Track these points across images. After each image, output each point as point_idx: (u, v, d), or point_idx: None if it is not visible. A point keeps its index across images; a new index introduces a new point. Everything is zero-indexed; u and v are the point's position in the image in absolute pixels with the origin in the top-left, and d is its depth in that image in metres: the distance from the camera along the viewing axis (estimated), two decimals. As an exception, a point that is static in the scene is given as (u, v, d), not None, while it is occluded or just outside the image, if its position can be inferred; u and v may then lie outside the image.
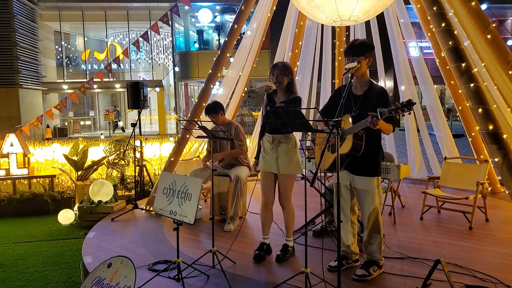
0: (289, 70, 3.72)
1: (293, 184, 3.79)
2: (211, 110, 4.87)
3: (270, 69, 3.75)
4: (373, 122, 2.89)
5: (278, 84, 3.68)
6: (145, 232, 4.74)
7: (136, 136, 6.00)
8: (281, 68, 3.69)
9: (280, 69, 3.68)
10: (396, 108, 2.80)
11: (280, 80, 3.67)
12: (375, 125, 2.91)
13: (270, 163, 3.73)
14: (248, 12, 6.14)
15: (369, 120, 2.90)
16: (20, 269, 4.20)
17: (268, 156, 3.74)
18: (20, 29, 19.23)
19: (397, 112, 2.80)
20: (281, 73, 3.67)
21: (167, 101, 25.50)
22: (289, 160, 3.66)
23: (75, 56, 26.13)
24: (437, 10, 4.52)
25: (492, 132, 4.01)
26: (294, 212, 3.82)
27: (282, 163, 3.67)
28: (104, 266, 2.96)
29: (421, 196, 5.12)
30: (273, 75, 3.70)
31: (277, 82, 3.67)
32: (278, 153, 3.68)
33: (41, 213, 6.33)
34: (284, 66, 3.71)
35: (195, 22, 25.15)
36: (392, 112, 2.82)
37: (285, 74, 3.68)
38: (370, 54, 3.28)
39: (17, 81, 18.97)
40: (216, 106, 4.95)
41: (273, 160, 3.70)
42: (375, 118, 2.88)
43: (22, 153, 6.81)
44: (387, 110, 2.84)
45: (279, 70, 3.68)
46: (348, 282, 3.27)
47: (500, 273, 3.35)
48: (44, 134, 19.82)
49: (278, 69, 3.69)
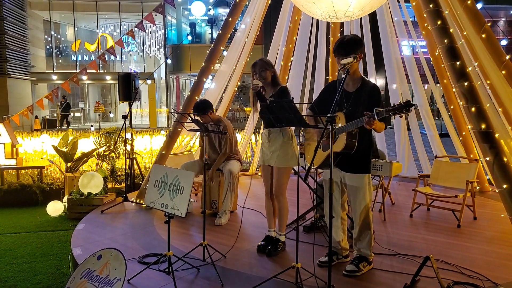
0: (269, 64, 3.75)
1: (288, 177, 3.80)
2: (200, 109, 4.76)
3: (252, 69, 3.76)
4: (369, 122, 2.89)
5: (263, 80, 3.70)
6: (135, 225, 4.71)
7: (127, 128, 5.94)
8: (261, 65, 3.72)
9: (260, 66, 3.71)
10: (394, 109, 2.78)
11: (264, 76, 3.71)
12: (371, 125, 2.92)
13: (267, 156, 3.78)
14: (243, 6, 6.10)
15: (366, 120, 2.90)
16: (7, 260, 4.15)
17: (266, 149, 3.80)
18: (9, 17, 18.89)
19: (394, 113, 2.79)
20: (263, 69, 3.70)
21: (158, 94, 25.32)
22: (284, 153, 3.69)
23: (65, 47, 25.77)
24: (433, 8, 4.53)
25: (484, 131, 4.05)
26: (287, 207, 3.82)
27: (277, 156, 3.70)
28: (94, 258, 2.93)
29: (411, 193, 5.16)
30: (256, 74, 3.72)
31: (262, 78, 3.69)
32: (274, 146, 3.72)
33: (29, 204, 6.25)
34: (263, 62, 3.74)
35: (187, 15, 24.96)
36: (390, 113, 2.80)
37: (267, 68, 3.71)
38: (360, 50, 3.27)
39: (5, 71, 18.66)
40: (205, 106, 4.84)
41: (270, 154, 3.75)
42: (372, 118, 2.87)
43: (10, 143, 6.71)
44: (384, 111, 2.82)
45: (260, 67, 3.71)
46: (338, 277, 3.28)
47: (487, 270, 3.40)
48: (32, 125, 19.56)
49: (258, 66, 3.71)
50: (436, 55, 5.83)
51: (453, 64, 4.26)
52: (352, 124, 3.07)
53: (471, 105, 4.12)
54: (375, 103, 3.08)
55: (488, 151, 4.00)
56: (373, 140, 3.63)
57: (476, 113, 4.09)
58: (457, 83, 4.27)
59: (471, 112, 4.12)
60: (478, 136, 4.10)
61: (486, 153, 4.05)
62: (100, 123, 21.35)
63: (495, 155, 3.94)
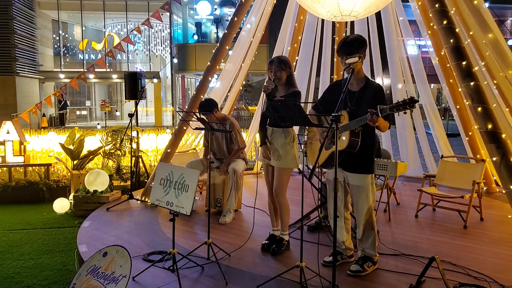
0: (286, 64, 3.68)
1: (288, 178, 3.77)
2: (205, 109, 4.78)
3: (268, 66, 3.71)
4: (372, 119, 2.89)
5: (278, 80, 3.65)
6: (140, 222, 4.73)
7: (133, 127, 5.97)
8: (277, 63, 3.65)
9: (276, 65, 3.64)
10: (398, 105, 2.78)
11: (279, 75, 3.65)
12: (375, 122, 2.91)
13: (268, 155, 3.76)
14: (248, 5, 6.10)
15: (369, 117, 2.90)
16: (14, 256, 4.19)
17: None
18: (18, 16, 19.04)
19: (398, 110, 2.79)
20: (279, 68, 3.64)
21: (163, 93, 25.39)
22: (285, 154, 3.66)
23: (72, 46, 25.92)
24: (439, 8, 4.50)
25: (491, 131, 4.02)
26: (288, 206, 3.81)
27: (277, 157, 3.69)
28: (99, 255, 2.95)
29: (416, 194, 5.14)
30: (271, 72, 3.66)
31: (276, 78, 3.64)
32: (275, 146, 3.70)
33: (36, 201, 6.30)
34: (280, 61, 3.67)
35: (193, 15, 25.00)
36: (394, 109, 2.80)
37: (282, 69, 3.65)
38: (364, 50, 3.25)
39: (14, 69, 18.82)
40: (210, 105, 4.86)
41: (270, 152, 3.73)
42: (375, 115, 2.87)
43: (18, 141, 6.77)
44: (387, 108, 2.83)
45: (276, 66, 3.64)
46: (343, 277, 3.28)
47: (494, 272, 3.37)
48: (40, 123, 19.71)
49: (275, 65, 3.65)
50: (442, 55, 5.79)
51: (459, 64, 4.23)
52: (356, 122, 3.07)
53: (477, 105, 4.09)
54: (378, 102, 3.08)
55: (495, 151, 3.97)
56: (376, 140, 3.61)
57: (483, 113, 4.06)
58: (463, 83, 4.24)
59: (477, 112, 4.09)
60: (485, 136, 4.07)
61: (492, 153, 4.02)
62: (106, 121, 21.46)
63: (502, 155, 3.91)
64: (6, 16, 18.47)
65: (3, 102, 18.58)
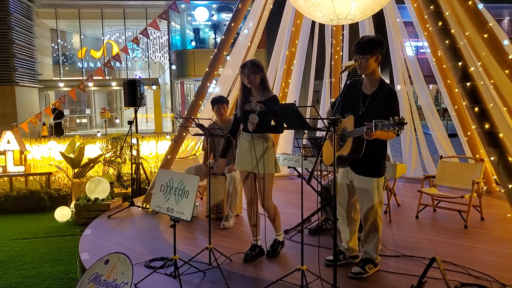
0: (259, 67, 3.63)
1: (272, 183, 3.73)
2: (218, 100, 5.08)
3: (240, 70, 3.68)
4: (368, 134, 2.90)
5: (251, 83, 3.62)
6: (142, 229, 4.75)
7: (133, 134, 5.99)
8: (250, 67, 3.60)
9: (249, 68, 3.60)
10: (389, 124, 2.76)
11: (252, 79, 3.60)
12: (371, 137, 2.92)
13: (248, 163, 3.67)
14: (245, 11, 6.14)
15: (364, 131, 2.91)
16: (17, 266, 4.20)
17: (246, 156, 3.68)
18: (17, 26, 19.12)
19: (389, 129, 2.76)
20: (252, 72, 3.59)
21: (163, 99, 25.43)
22: (268, 159, 3.61)
23: (71, 54, 25.98)
24: (434, 9, 4.54)
25: (488, 131, 4.04)
26: (276, 208, 3.78)
27: (261, 163, 3.60)
28: (101, 263, 2.97)
29: (417, 194, 5.15)
30: (244, 75, 3.63)
31: (250, 81, 3.61)
32: (256, 152, 3.61)
33: (37, 210, 6.32)
34: (253, 64, 3.62)
35: (191, 21, 25.08)
36: (384, 128, 2.78)
37: (256, 72, 3.60)
38: (378, 51, 3.19)
39: (13, 79, 18.87)
40: (222, 97, 5.24)
41: (251, 160, 3.64)
42: (370, 130, 2.87)
43: (19, 150, 6.79)
44: (380, 124, 2.81)
45: (249, 70, 3.60)
46: (344, 279, 3.29)
47: (495, 271, 3.38)
48: (40, 132, 19.74)
49: (247, 68, 3.60)
50: (439, 55, 5.82)
51: (455, 65, 4.26)
52: (354, 132, 3.08)
53: (474, 105, 4.11)
54: (387, 108, 3.08)
55: (493, 151, 3.99)
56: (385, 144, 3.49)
57: (480, 113, 4.09)
58: (459, 83, 4.27)
59: (474, 112, 4.11)
60: (482, 136, 4.10)
61: (490, 153, 4.04)
62: (106, 129, 21.49)
63: (499, 154, 3.93)
64: (4, 26, 18.54)
65: (3, 112, 18.61)
